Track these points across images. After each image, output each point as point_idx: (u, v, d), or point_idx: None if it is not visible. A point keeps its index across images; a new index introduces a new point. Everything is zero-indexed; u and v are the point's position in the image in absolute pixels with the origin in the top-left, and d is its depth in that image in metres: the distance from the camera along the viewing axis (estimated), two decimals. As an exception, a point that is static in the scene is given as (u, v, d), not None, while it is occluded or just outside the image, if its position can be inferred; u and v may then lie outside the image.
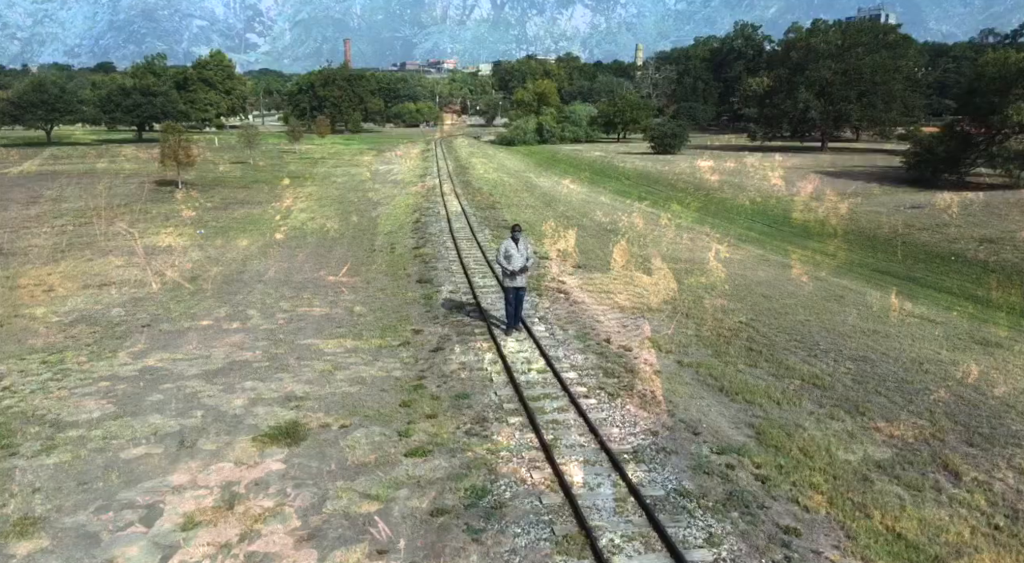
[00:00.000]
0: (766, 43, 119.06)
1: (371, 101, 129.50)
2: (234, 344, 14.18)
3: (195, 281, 19.90)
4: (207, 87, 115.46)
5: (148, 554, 7.29)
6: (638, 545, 7.21)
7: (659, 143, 70.17)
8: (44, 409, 10.89)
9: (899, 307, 19.06)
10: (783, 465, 9.20)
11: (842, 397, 11.73)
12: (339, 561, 7.14)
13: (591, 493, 8.16)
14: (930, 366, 13.50)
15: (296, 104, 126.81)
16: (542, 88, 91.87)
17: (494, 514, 7.83)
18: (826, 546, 7.50)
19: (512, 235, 14.42)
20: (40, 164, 61.73)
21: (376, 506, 8.13)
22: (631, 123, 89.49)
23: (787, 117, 73.76)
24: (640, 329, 15.00)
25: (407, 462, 9.10)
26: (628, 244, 24.79)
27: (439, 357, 13.09)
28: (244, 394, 11.46)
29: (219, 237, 27.80)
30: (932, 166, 47.37)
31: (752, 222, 35.06)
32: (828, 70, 70.90)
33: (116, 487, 8.64)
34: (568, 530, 7.48)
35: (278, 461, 9.23)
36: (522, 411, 10.28)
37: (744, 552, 7.22)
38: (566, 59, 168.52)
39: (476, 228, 28.06)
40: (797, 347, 14.36)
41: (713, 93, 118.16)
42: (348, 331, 14.98)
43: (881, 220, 34.06)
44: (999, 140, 45.83)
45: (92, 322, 15.88)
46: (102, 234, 28.47)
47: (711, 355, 13.62)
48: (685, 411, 10.79)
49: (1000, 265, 25.61)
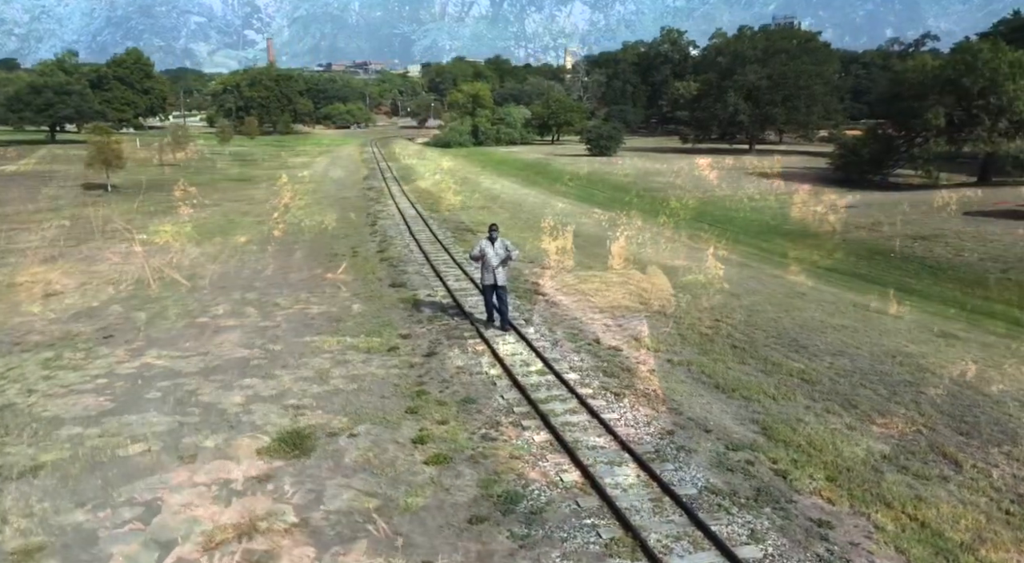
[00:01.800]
0: (691, 48, 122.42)
1: (299, 102, 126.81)
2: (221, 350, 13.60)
3: (168, 287, 19.04)
4: (124, 86, 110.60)
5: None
6: (686, 544, 7.24)
7: (595, 145, 71.13)
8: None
9: (856, 302, 19.85)
10: (797, 460, 9.41)
11: (831, 391, 12.09)
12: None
13: (625, 494, 8.16)
14: (902, 359, 14.06)
15: (221, 104, 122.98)
16: (476, 90, 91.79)
17: (534, 519, 7.73)
18: (859, 537, 7.70)
19: (489, 235, 14.55)
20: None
21: (407, 517, 7.91)
22: (565, 125, 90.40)
23: (717, 120, 75.90)
24: (624, 329, 15.12)
25: (429, 470, 8.90)
26: (591, 246, 25.00)
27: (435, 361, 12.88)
28: (241, 392, 11.00)
29: (168, 243, 26.68)
30: (858, 167, 49.55)
31: (700, 222, 35.86)
32: (755, 75, 73.32)
33: (113, 485, 8.32)
34: (613, 532, 7.45)
35: (290, 473, 8.89)
36: (535, 414, 10.21)
37: (788, 546, 7.34)
38: (495, 61, 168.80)
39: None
40: (776, 343, 14.73)
41: (642, 96, 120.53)
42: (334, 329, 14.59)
43: (819, 219, 35.42)
44: (919, 143, 48.33)
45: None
46: (32, 244, 26.95)
47: (698, 353, 13.84)
48: (690, 409, 10.92)
49: (936, 261, 26.97)
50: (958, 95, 45.02)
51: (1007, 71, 43.06)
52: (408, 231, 27.65)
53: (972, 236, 29.12)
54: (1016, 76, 43.12)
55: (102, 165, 41.02)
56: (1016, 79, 43.08)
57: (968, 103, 44.68)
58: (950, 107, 45.21)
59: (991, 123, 43.79)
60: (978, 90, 43.76)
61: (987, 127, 43.95)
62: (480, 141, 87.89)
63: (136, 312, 16.83)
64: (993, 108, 43.61)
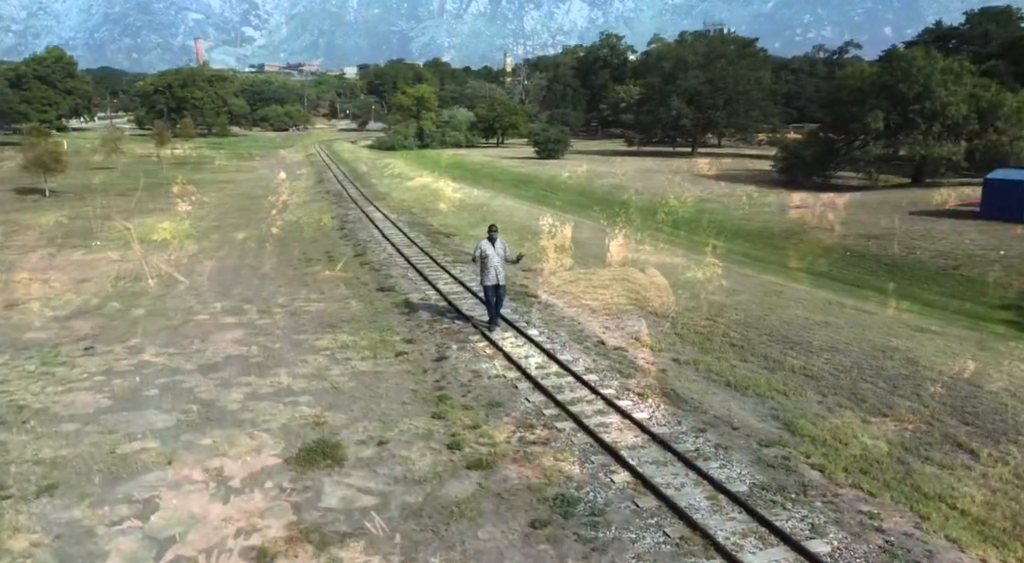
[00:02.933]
0: (629, 53, 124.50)
1: (235, 103, 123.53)
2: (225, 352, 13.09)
3: (117, 298, 18.23)
4: (45, 86, 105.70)
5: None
6: (754, 541, 7.32)
7: (543, 148, 71.49)
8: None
9: (830, 300, 20.47)
10: (827, 454, 9.63)
11: (836, 386, 12.42)
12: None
13: (679, 493, 8.20)
14: (891, 353, 14.53)
15: (151, 105, 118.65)
16: (421, 92, 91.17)
17: (598, 522, 7.70)
18: (909, 527, 7.92)
19: (489, 235, 14.66)
20: None
21: (465, 523, 7.78)
22: (510, 128, 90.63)
23: (661, 123, 77.29)
24: (622, 329, 15.23)
25: (474, 475, 8.77)
26: (562, 247, 25.08)
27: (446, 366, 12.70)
28: (245, 391, 10.60)
29: (123, 249, 25.58)
30: (802, 169, 51.17)
31: (661, 224, 36.38)
32: (696, 79, 74.96)
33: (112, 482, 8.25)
34: (680, 531, 7.48)
35: (330, 483, 8.63)
36: (566, 415, 10.18)
37: (849, 539, 7.50)
38: (435, 63, 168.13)
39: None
40: (770, 340, 15.06)
41: (582, 100, 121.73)
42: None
43: (772, 219, 36.45)
44: (858, 145, 50.24)
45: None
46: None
47: (700, 352, 14.03)
48: (711, 407, 11.07)
49: (891, 259, 28.05)
50: (895, 100, 46.96)
51: (940, 78, 45.16)
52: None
53: (921, 235, 30.42)
54: (948, 82, 45.24)
55: (39, 168, 39.06)
56: (948, 85, 45.20)
57: (904, 108, 46.66)
58: (887, 111, 47.12)
59: (926, 127, 45.82)
60: (913, 95, 45.74)
61: (922, 131, 45.97)
62: (426, 144, 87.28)
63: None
64: (928, 113, 45.64)
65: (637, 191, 47.66)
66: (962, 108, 44.79)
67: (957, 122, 45.20)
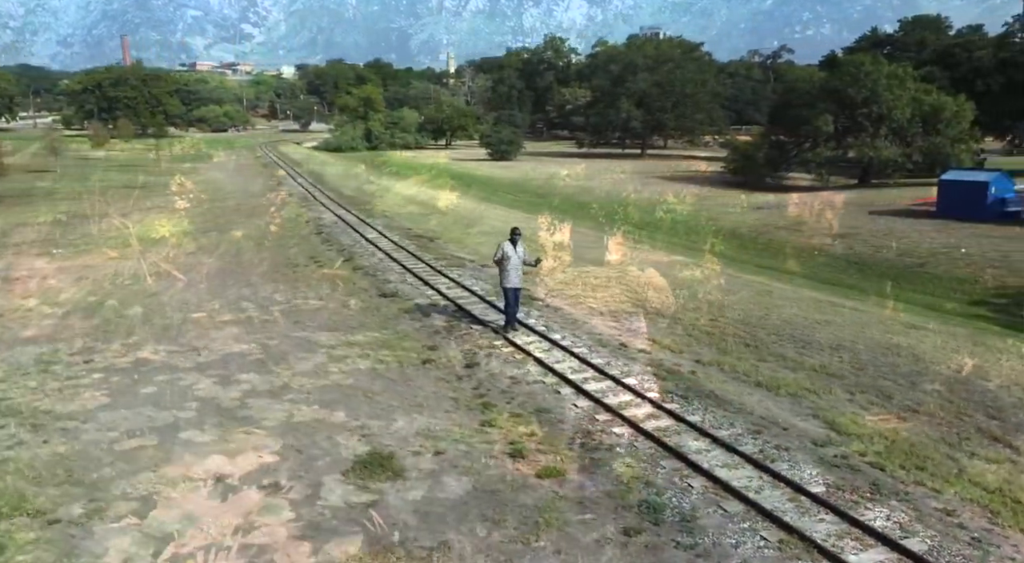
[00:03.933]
0: (573, 55, 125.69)
1: (169, 103, 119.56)
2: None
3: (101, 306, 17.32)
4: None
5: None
6: (851, 542, 7.34)
7: (496, 149, 71.44)
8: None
9: (818, 299, 20.93)
10: (880, 452, 9.75)
11: (859, 383, 12.65)
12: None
13: (760, 496, 8.17)
14: (898, 350, 14.90)
15: (80, 105, 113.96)
16: (368, 93, 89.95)
17: (691, 527, 7.60)
18: (985, 523, 8.05)
19: (511, 238, 14.65)
20: None
21: (555, 534, 7.57)
22: (459, 129, 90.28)
23: (611, 125, 78.16)
24: (633, 330, 15.22)
25: (546, 484, 8.57)
26: (551, 248, 24.99)
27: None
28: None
29: (79, 257, 24.36)
30: (754, 170, 52.41)
31: (628, 224, 36.65)
32: (646, 82, 76.07)
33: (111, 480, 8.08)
34: (777, 535, 7.44)
35: (398, 498, 8.31)
36: (621, 421, 10.07)
37: (938, 537, 7.58)
38: (376, 64, 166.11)
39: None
40: (780, 340, 15.26)
41: (527, 102, 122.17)
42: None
43: (738, 220, 37.18)
44: (808, 147, 51.76)
45: None
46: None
47: (719, 353, 14.11)
48: (753, 408, 11.11)
49: (859, 258, 28.94)
50: (843, 104, 48.58)
51: (886, 82, 46.90)
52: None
53: (884, 233, 31.46)
54: (893, 87, 47.03)
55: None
56: (893, 90, 46.98)
57: (852, 111, 48.30)
58: (836, 115, 48.70)
59: (873, 130, 47.52)
60: (861, 99, 47.39)
61: (870, 133, 47.66)
62: (374, 145, 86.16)
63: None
64: (875, 116, 47.35)
65: (590, 190, 48.03)
66: (906, 112, 46.62)
67: (902, 125, 47.00)
